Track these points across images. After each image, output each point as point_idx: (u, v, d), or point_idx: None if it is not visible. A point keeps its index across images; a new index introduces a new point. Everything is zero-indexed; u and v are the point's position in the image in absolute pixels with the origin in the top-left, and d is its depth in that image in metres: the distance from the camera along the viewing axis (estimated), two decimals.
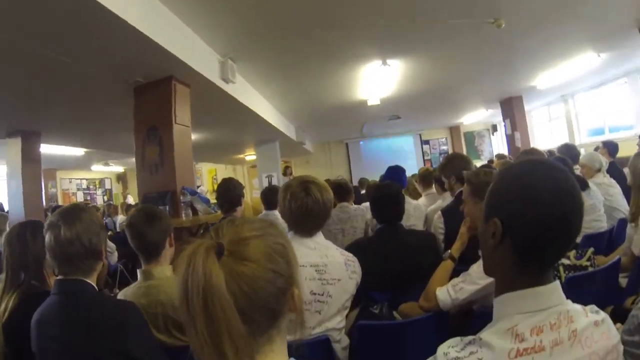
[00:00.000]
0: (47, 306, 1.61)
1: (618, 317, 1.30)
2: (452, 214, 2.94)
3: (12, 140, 6.61)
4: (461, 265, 2.20)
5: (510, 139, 9.54)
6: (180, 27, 3.95)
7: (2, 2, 2.66)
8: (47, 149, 7.84)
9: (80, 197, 15.23)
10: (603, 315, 0.96)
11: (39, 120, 6.21)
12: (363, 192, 7.42)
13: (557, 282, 0.95)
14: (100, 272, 1.76)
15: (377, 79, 6.40)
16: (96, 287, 1.69)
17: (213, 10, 3.82)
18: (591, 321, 0.93)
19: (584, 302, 0.99)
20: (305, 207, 1.92)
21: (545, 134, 11.61)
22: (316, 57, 5.36)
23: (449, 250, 2.35)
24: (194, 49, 4.22)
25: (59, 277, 1.65)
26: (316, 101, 7.97)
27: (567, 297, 0.96)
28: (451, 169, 3.33)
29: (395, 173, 4.49)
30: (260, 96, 6.96)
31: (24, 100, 5.08)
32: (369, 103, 7.71)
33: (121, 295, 2.01)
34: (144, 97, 4.59)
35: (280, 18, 4.08)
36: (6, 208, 7.86)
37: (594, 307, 0.98)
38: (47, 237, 1.63)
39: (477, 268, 1.88)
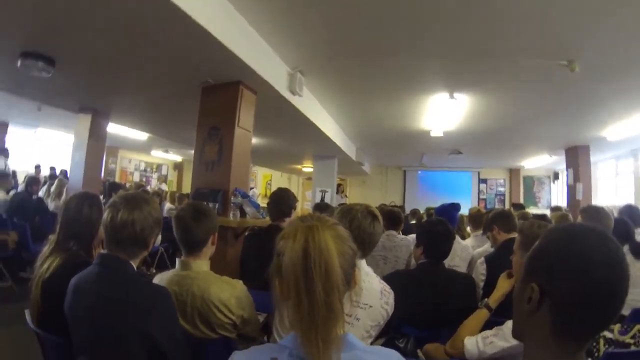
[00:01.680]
0: (86, 274, 1.71)
1: None
2: (496, 262, 2.90)
3: (83, 116, 7.06)
4: (497, 317, 2.15)
5: (570, 190, 9.11)
6: (254, 37, 4.07)
7: (106, 11, 3.01)
8: (113, 128, 8.25)
9: (136, 178, 15.77)
10: None
11: (111, 102, 6.60)
12: (413, 222, 7.33)
13: None
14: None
15: (442, 111, 6.34)
16: (135, 269, 1.77)
17: (288, 24, 3.91)
18: None
19: None
20: (365, 233, 1.98)
21: (609, 189, 10.95)
22: (385, 82, 5.36)
23: (487, 299, 2.29)
24: (264, 59, 4.33)
25: (104, 251, 1.76)
26: (379, 125, 7.95)
27: None
28: (497, 221, 3.36)
29: (449, 209, 4.46)
30: (325, 112, 7.02)
31: (101, 83, 5.42)
32: (432, 134, 7.63)
33: (157, 279, 2.06)
34: (210, 97, 4.75)
35: (354, 40, 4.12)
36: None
37: None
38: (106, 214, 1.73)
39: (511, 325, 1.83)
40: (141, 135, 10.02)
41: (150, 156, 15.99)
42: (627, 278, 0.86)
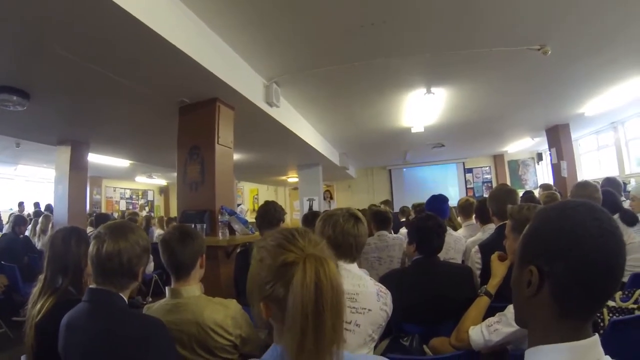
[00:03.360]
0: (76, 312, 1.67)
1: None
2: (490, 249, 2.83)
3: (62, 148, 7.02)
4: (497, 302, 2.15)
5: (555, 169, 9.18)
6: (227, 52, 4.05)
7: (75, 27, 2.88)
8: (94, 158, 8.23)
9: (123, 206, 15.74)
10: None
11: (89, 132, 6.55)
12: (403, 219, 7.32)
13: (597, 336, 0.87)
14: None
15: (421, 107, 6.35)
16: (126, 301, 1.73)
17: (261, 36, 3.90)
18: None
19: (630, 349, 0.92)
20: (349, 235, 1.99)
21: (593, 164, 11.00)
22: (361, 85, 5.37)
23: (485, 286, 2.28)
24: (239, 73, 4.31)
25: (92, 285, 1.71)
26: (360, 127, 7.97)
27: (612, 342, 0.89)
28: (495, 202, 3.26)
29: (437, 203, 4.44)
30: (305, 121, 7.01)
31: (77, 112, 5.36)
32: (413, 130, 7.64)
33: (146, 310, 2.03)
34: (188, 116, 4.71)
35: (326, 47, 4.13)
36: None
37: None
38: (91, 246, 1.70)
39: (513, 309, 1.82)
40: (123, 163, 9.98)
41: (135, 182, 15.94)
42: (623, 246, 0.86)
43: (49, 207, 10.07)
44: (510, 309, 1.84)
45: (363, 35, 3.89)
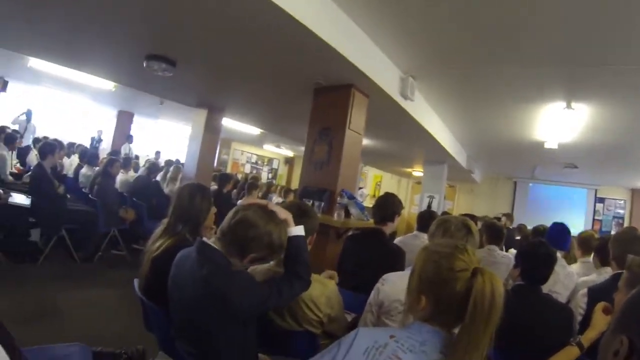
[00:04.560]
0: (185, 256, 1.87)
1: None
2: (600, 296, 2.53)
3: (200, 110, 7.81)
4: (589, 357, 2.01)
5: None
6: (366, 41, 4.10)
7: (221, 18, 3.13)
8: (227, 122, 8.89)
9: (247, 170, 16.59)
10: None
11: (226, 100, 7.17)
12: (518, 237, 7.00)
13: None
14: None
15: (558, 122, 5.95)
16: (231, 263, 1.78)
17: (402, 29, 3.90)
18: None
19: None
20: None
21: None
22: (498, 89, 5.17)
23: (580, 336, 2.10)
24: (376, 63, 4.35)
25: (204, 239, 1.84)
26: (491, 132, 7.66)
27: None
28: (617, 245, 2.89)
29: (561, 234, 4.15)
30: (437, 117, 6.92)
31: (217, 82, 5.92)
32: (546, 146, 7.15)
33: (251, 270, 2.11)
34: (322, 98, 4.88)
35: (468, 47, 4.04)
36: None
37: None
38: (235, 211, 1.84)
39: None
40: (254, 130, 10.54)
41: (262, 149, 16.70)
42: None
43: (177, 161, 11.00)
44: None
45: (504, 37, 3.73)
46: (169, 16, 3.60)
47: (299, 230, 1.93)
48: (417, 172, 13.01)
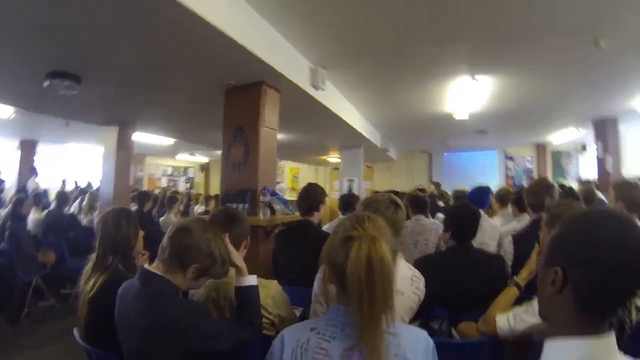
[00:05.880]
0: (128, 287, 1.77)
1: None
2: (523, 240, 2.98)
3: (110, 128, 7.37)
4: (527, 293, 2.19)
5: (600, 163, 8.93)
6: (274, 36, 4.07)
7: (123, 25, 3.00)
8: (139, 136, 8.47)
9: (164, 183, 16.06)
10: None
11: (136, 113, 6.84)
12: (442, 204, 7.28)
13: (613, 334, 0.91)
14: None
15: (465, 94, 6.25)
16: (178, 290, 1.74)
17: (309, 21, 3.91)
18: None
19: None
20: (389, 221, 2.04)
21: (638, 159, 10.67)
22: (406, 70, 5.32)
23: (515, 277, 2.35)
24: (286, 57, 4.32)
25: (145, 266, 1.76)
26: (403, 111, 7.90)
27: (635, 343, 0.92)
28: (532, 196, 3.37)
29: (480, 194, 4.62)
30: (349, 103, 7.01)
31: (126, 95, 5.59)
32: (457, 117, 7.50)
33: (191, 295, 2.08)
34: (234, 99, 4.78)
35: (374, 32, 4.10)
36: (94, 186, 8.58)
37: None
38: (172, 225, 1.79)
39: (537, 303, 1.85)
40: (167, 141, 10.18)
41: (176, 160, 16.22)
42: None
43: (89, 185, 10.43)
44: (537, 301, 1.86)
45: (410, 17, 3.80)
46: (69, 29, 3.34)
47: (251, 280, 1.89)
48: (333, 158, 13.22)
